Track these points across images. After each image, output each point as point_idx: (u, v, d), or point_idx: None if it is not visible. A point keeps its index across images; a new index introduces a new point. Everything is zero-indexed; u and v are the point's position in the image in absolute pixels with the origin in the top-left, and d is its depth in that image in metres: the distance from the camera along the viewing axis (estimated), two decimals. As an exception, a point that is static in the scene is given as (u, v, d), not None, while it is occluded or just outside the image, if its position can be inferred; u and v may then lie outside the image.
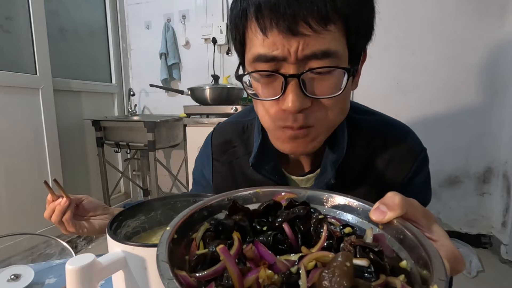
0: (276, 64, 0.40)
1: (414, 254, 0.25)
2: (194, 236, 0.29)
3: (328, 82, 0.41)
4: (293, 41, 0.38)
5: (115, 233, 0.42)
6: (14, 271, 0.59)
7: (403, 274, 0.24)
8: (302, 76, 0.39)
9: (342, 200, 0.33)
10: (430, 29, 1.83)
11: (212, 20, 2.22)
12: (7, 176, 1.67)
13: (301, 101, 0.40)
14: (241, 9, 0.41)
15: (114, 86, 2.49)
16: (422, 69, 1.87)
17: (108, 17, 2.41)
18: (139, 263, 0.36)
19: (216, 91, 1.87)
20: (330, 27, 0.38)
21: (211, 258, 0.26)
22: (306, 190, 0.35)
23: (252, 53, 0.41)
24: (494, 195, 1.84)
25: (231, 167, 0.60)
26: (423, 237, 0.25)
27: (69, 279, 0.33)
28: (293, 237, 0.30)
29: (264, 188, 0.35)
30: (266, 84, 0.42)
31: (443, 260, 0.23)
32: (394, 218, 0.27)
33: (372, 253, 0.25)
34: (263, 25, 0.39)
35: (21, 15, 1.74)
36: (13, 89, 1.67)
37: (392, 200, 0.28)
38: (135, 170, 2.65)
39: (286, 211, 0.31)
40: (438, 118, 1.88)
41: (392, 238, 0.27)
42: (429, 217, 0.29)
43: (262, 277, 0.23)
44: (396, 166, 0.52)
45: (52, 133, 1.89)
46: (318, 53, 0.38)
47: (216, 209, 0.33)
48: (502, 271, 1.67)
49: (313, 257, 0.25)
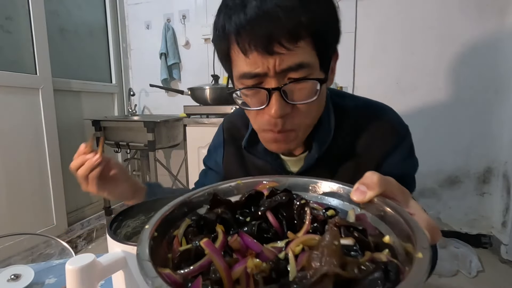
0: (259, 78, 0.47)
1: (395, 228, 0.26)
2: (176, 233, 0.28)
3: (304, 90, 0.47)
4: (270, 59, 0.44)
5: (115, 233, 0.42)
6: (14, 271, 0.59)
7: (387, 249, 0.24)
8: (282, 88, 0.46)
9: (323, 184, 0.33)
10: (430, 29, 1.83)
11: (212, 20, 2.19)
12: (7, 176, 1.67)
13: (283, 109, 0.47)
14: (222, 31, 0.48)
15: (114, 86, 2.49)
16: (422, 69, 1.87)
17: (108, 17, 2.41)
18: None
19: (216, 91, 1.87)
20: (300, 43, 0.44)
21: (195, 254, 0.25)
22: (287, 177, 0.35)
23: (238, 71, 0.48)
24: (494, 195, 1.84)
25: (240, 153, 0.66)
26: (403, 210, 0.26)
27: (69, 279, 0.33)
28: (277, 224, 0.30)
29: (244, 180, 0.35)
30: (253, 96, 0.49)
31: (423, 230, 0.23)
32: (374, 196, 0.28)
33: (356, 231, 0.25)
34: (244, 48, 0.45)
35: (21, 15, 1.74)
36: (13, 89, 1.67)
37: (370, 179, 0.29)
38: (135, 170, 2.65)
39: (269, 200, 0.31)
40: (438, 118, 1.88)
41: (374, 216, 0.28)
42: (405, 193, 0.30)
43: (250, 266, 0.23)
44: (378, 142, 0.57)
45: (52, 133, 1.89)
46: (293, 66, 0.45)
47: (197, 204, 0.32)
48: (502, 271, 1.67)
49: (300, 241, 0.25)
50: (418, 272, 0.19)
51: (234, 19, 0.45)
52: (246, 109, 0.51)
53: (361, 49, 1.97)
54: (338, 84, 2.00)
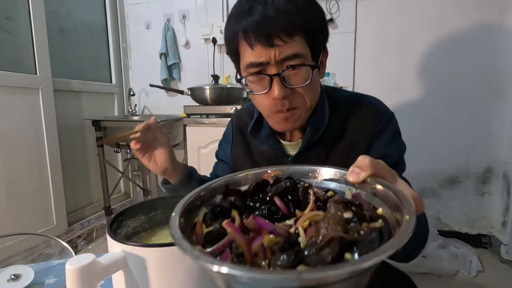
0: (262, 67, 0.57)
1: (386, 201, 0.30)
2: (196, 220, 0.32)
3: (300, 75, 0.58)
4: (271, 51, 0.55)
5: (115, 233, 0.42)
6: (14, 271, 0.59)
7: (380, 219, 0.28)
8: (281, 74, 0.57)
9: (322, 170, 0.38)
10: (430, 28, 1.83)
11: (212, 20, 2.22)
12: (7, 176, 1.66)
13: (284, 91, 0.57)
14: (232, 32, 0.59)
15: (114, 86, 2.49)
16: (422, 69, 1.87)
17: (108, 17, 2.41)
18: (139, 263, 0.36)
19: (216, 91, 1.87)
20: (295, 38, 0.56)
21: (217, 235, 0.29)
22: (289, 166, 0.40)
23: (245, 62, 0.59)
24: (494, 195, 1.84)
25: (247, 142, 0.77)
26: (391, 185, 0.31)
27: (69, 279, 0.33)
28: (284, 207, 0.34)
29: (251, 171, 0.40)
30: (257, 82, 0.60)
31: (409, 199, 0.28)
32: (367, 177, 0.33)
33: (353, 206, 0.29)
34: (250, 42, 0.56)
35: (21, 15, 1.74)
36: (13, 89, 1.67)
37: (363, 162, 0.33)
38: (135, 170, 2.65)
39: (275, 186, 0.35)
40: (438, 118, 1.88)
41: (368, 194, 0.32)
42: (393, 173, 0.35)
43: (266, 241, 0.27)
44: (366, 125, 0.66)
45: (52, 133, 1.89)
46: (290, 55, 0.56)
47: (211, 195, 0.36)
48: (502, 271, 1.67)
49: (307, 217, 0.30)
50: (406, 229, 0.23)
51: (242, 22, 0.56)
52: (253, 94, 0.62)
53: (361, 49, 1.97)
54: (338, 84, 2.00)
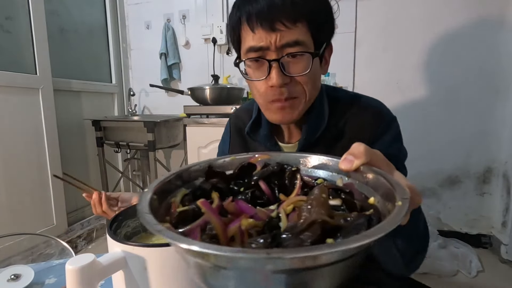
0: (262, 52, 0.55)
1: (379, 190, 0.27)
2: (173, 200, 0.29)
3: (300, 64, 0.55)
4: (273, 35, 0.53)
5: (115, 233, 0.42)
6: (14, 271, 0.59)
7: (371, 209, 0.25)
8: (281, 60, 0.54)
9: (313, 158, 0.35)
10: (430, 28, 1.83)
11: (212, 20, 2.22)
12: (7, 176, 1.66)
13: (282, 78, 0.54)
14: (236, 17, 0.57)
15: (114, 86, 2.49)
16: (422, 69, 1.87)
17: (108, 17, 2.41)
18: (139, 263, 0.36)
19: (216, 91, 1.87)
20: (298, 24, 0.53)
21: (192, 215, 0.26)
22: (279, 153, 0.37)
23: (245, 46, 0.57)
24: (494, 195, 1.84)
25: (244, 143, 0.74)
26: (385, 173, 0.28)
27: (69, 279, 0.33)
28: (269, 192, 0.31)
29: (238, 156, 0.36)
30: (256, 69, 0.57)
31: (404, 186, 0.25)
32: (360, 165, 0.30)
33: (343, 193, 0.27)
34: (252, 26, 0.54)
35: (21, 15, 1.74)
36: (13, 89, 1.67)
37: (357, 149, 0.31)
38: (135, 170, 2.65)
39: (261, 170, 0.33)
40: (438, 118, 1.88)
41: (360, 183, 0.30)
42: (390, 164, 0.32)
43: (244, 224, 0.24)
44: (366, 127, 0.63)
45: (52, 133, 1.89)
46: (291, 42, 0.53)
47: (193, 176, 0.33)
48: (502, 271, 1.67)
49: (291, 201, 0.27)
50: (397, 215, 0.21)
51: (247, 7, 0.55)
52: (251, 80, 0.59)
53: (361, 49, 1.97)
54: (338, 83, 2.00)
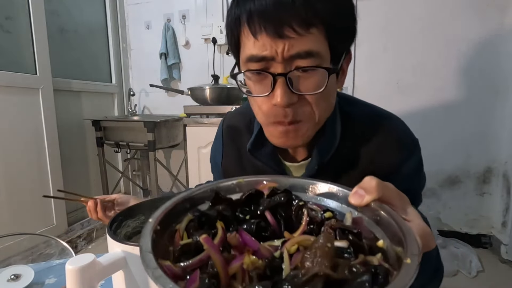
0: (266, 63, 0.45)
1: (389, 233, 0.26)
2: (178, 227, 0.29)
3: (312, 80, 0.45)
4: (280, 43, 0.42)
5: (115, 233, 0.42)
6: (14, 271, 0.59)
7: (380, 253, 0.25)
8: (288, 74, 0.44)
9: (323, 186, 0.34)
10: (429, 28, 1.82)
11: (212, 20, 2.22)
12: (7, 176, 1.66)
13: (288, 97, 0.44)
14: (235, 16, 0.46)
15: (114, 86, 2.49)
16: (422, 69, 1.87)
17: (108, 17, 2.41)
18: (139, 263, 0.36)
19: (216, 91, 1.87)
20: (312, 30, 0.42)
21: (195, 248, 0.26)
22: (288, 178, 0.36)
23: (245, 54, 0.46)
24: (494, 195, 1.84)
25: (239, 154, 0.64)
26: (397, 216, 0.27)
27: (69, 279, 0.33)
28: (275, 224, 0.30)
29: (247, 178, 0.36)
30: (257, 82, 0.47)
31: (416, 237, 0.24)
32: (371, 201, 0.29)
33: (351, 234, 0.26)
34: (254, 30, 0.44)
35: (21, 15, 1.74)
36: (13, 89, 1.67)
37: (369, 184, 0.29)
38: (135, 170, 2.65)
39: (268, 200, 0.32)
40: (438, 118, 1.88)
41: (370, 220, 0.29)
42: (403, 199, 0.31)
43: (246, 263, 0.24)
44: (385, 154, 0.54)
45: (52, 133, 1.89)
46: (302, 53, 0.43)
47: (199, 200, 0.33)
48: (502, 271, 1.67)
49: (296, 241, 0.26)
50: (404, 277, 0.20)
51: (248, 3, 0.44)
52: (250, 95, 0.49)
53: (361, 49, 1.97)
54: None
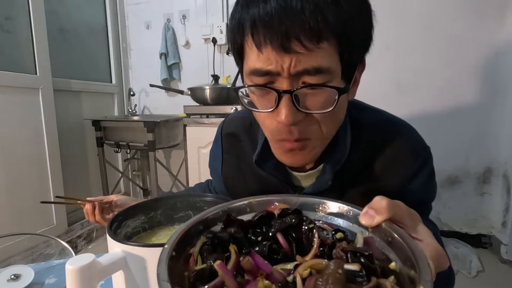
0: (271, 77, 0.41)
1: (401, 255, 0.26)
2: (192, 251, 0.30)
3: (320, 97, 0.42)
4: (286, 58, 0.39)
5: (115, 233, 0.42)
6: (14, 271, 0.59)
7: (392, 276, 0.25)
8: (294, 92, 0.40)
9: (333, 205, 0.34)
10: (430, 29, 1.82)
11: (212, 20, 2.22)
12: (7, 176, 1.66)
13: (294, 115, 0.41)
14: (238, 22, 0.42)
15: (114, 86, 2.49)
16: (422, 69, 1.87)
17: (108, 17, 2.41)
18: (139, 263, 0.36)
19: (216, 91, 1.87)
20: (323, 44, 0.38)
21: (209, 273, 0.27)
22: (298, 197, 0.36)
23: (249, 66, 0.43)
24: (494, 195, 1.84)
25: (238, 161, 0.62)
26: (409, 238, 0.27)
27: (69, 279, 0.33)
28: (287, 246, 0.31)
29: (257, 198, 0.37)
30: (261, 96, 0.44)
31: (428, 261, 0.24)
32: (382, 221, 0.29)
33: (362, 257, 0.26)
34: (258, 41, 0.40)
35: (21, 15, 1.74)
36: (13, 89, 1.67)
37: (379, 204, 0.29)
38: (135, 170, 2.65)
39: (279, 221, 0.33)
40: (438, 118, 1.88)
41: (381, 240, 0.29)
42: (414, 217, 0.30)
43: None
44: (398, 165, 0.52)
45: (52, 133, 1.89)
46: (310, 69, 0.39)
47: (212, 222, 0.34)
48: (502, 271, 1.67)
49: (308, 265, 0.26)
50: None
51: (253, 9, 0.40)
52: (253, 110, 0.46)
53: (361, 49, 1.96)
54: (338, 84, 2.00)
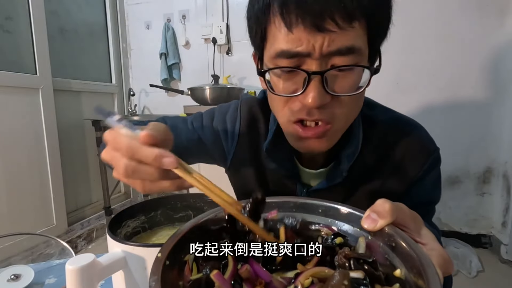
0: (299, 60, 0.40)
1: (407, 262, 0.25)
2: (187, 259, 0.28)
3: (349, 79, 0.41)
4: (319, 37, 0.38)
5: (115, 233, 0.42)
6: (14, 271, 0.59)
7: (397, 283, 0.24)
8: (325, 73, 0.39)
9: (334, 208, 0.33)
10: (430, 29, 1.82)
11: (212, 20, 2.22)
12: (7, 176, 1.66)
13: (322, 97, 0.40)
14: (264, 3, 0.41)
15: (114, 86, 2.49)
16: (422, 69, 1.87)
17: (108, 17, 2.41)
18: (139, 263, 0.36)
19: (216, 91, 1.87)
20: (355, 24, 0.38)
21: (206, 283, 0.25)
22: (298, 198, 0.35)
23: (275, 48, 0.41)
24: (494, 195, 1.84)
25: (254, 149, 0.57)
26: (414, 244, 0.26)
27: (69, 279, 0.33)
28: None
29: None
30: (287, 80, 0.43)
31: (436, 269, 0.23)
32: (385, 225, 0.27)
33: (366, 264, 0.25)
34: (288, 21, 0.38)
35: (21, 15, 1.74)
36: (13, 89, 1.67)
37: (382, 207, 0.28)
38: (135, 170, 2.64)
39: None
40: (438, 118, 1.88)
41: (384, 245, 0.27)
42: (417, 221, 0.29)
43: None
44: (408, 164, 0.52)
45: (52, 133, 1.89)
46: (343, 49, 0.38)
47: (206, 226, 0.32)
48: (502, 271, 1.67)
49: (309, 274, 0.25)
50: None
51: None
52: (277, 94, 0.44)
53: (361, 49, 1.97)
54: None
